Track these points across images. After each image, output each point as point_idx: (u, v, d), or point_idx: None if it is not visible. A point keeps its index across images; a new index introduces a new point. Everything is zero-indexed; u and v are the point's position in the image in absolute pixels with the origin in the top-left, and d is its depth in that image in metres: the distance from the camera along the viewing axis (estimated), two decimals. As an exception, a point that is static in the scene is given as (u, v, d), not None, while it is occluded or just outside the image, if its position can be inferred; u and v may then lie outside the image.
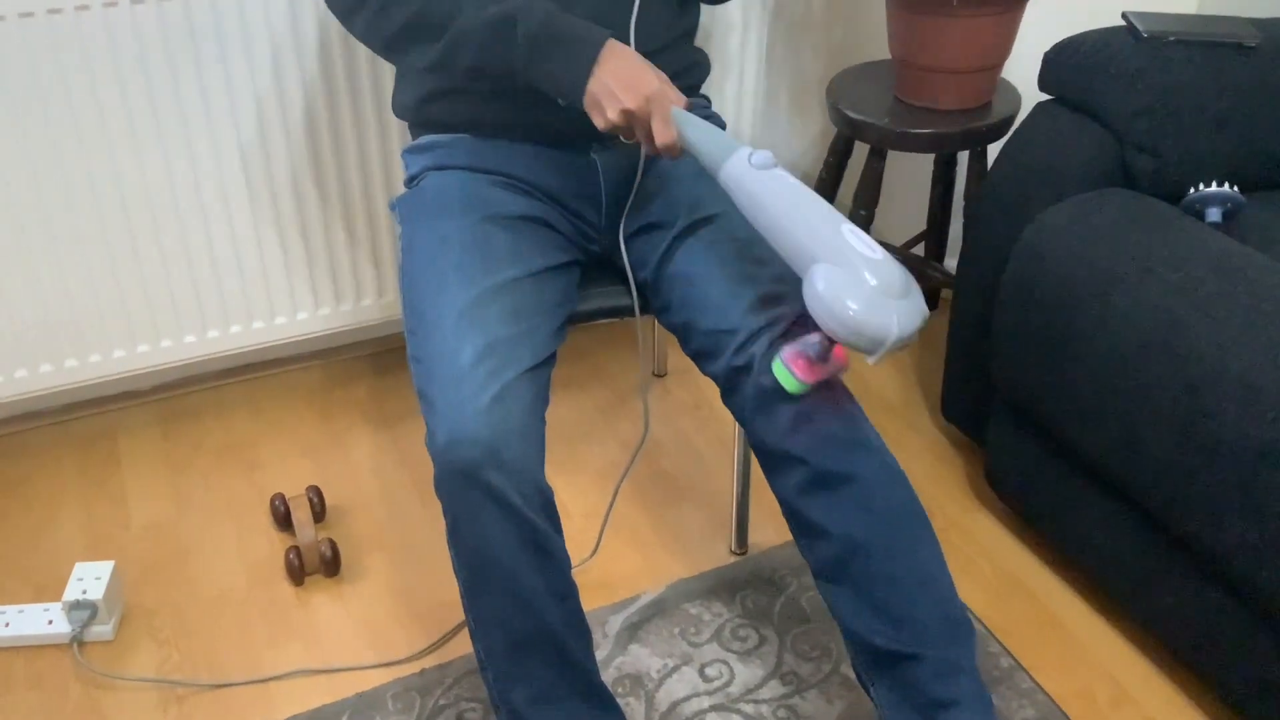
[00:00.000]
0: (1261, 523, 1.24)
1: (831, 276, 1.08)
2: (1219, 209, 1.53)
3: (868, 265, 1.08)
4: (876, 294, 1.07)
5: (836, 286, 1.07)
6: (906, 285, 1.11)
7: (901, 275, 1.10)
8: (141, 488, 1.84)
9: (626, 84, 1.19)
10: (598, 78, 1.21)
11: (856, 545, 1.24)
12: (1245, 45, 1.59)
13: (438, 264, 1.27)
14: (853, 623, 1.27)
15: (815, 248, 1.10)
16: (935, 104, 1.82)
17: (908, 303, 1.09)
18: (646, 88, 1.19)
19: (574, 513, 1.78)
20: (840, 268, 1.08)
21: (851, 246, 1.09)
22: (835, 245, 1.10)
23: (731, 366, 1.28)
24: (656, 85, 1.19)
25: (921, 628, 1.24)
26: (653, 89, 1.19)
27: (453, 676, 1.50)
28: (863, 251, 1.09)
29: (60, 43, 1.56)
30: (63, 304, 1.73)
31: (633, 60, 1.21)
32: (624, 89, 1.19)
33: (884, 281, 1.08)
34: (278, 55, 1.68)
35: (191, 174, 1.72)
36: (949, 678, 1.24)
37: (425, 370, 1.19)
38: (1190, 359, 1.30)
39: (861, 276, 1.08)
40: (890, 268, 1.09)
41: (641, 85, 1.19)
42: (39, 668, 1.53)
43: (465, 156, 1.41)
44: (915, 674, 1.24)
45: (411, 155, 1.46)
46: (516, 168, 1.39)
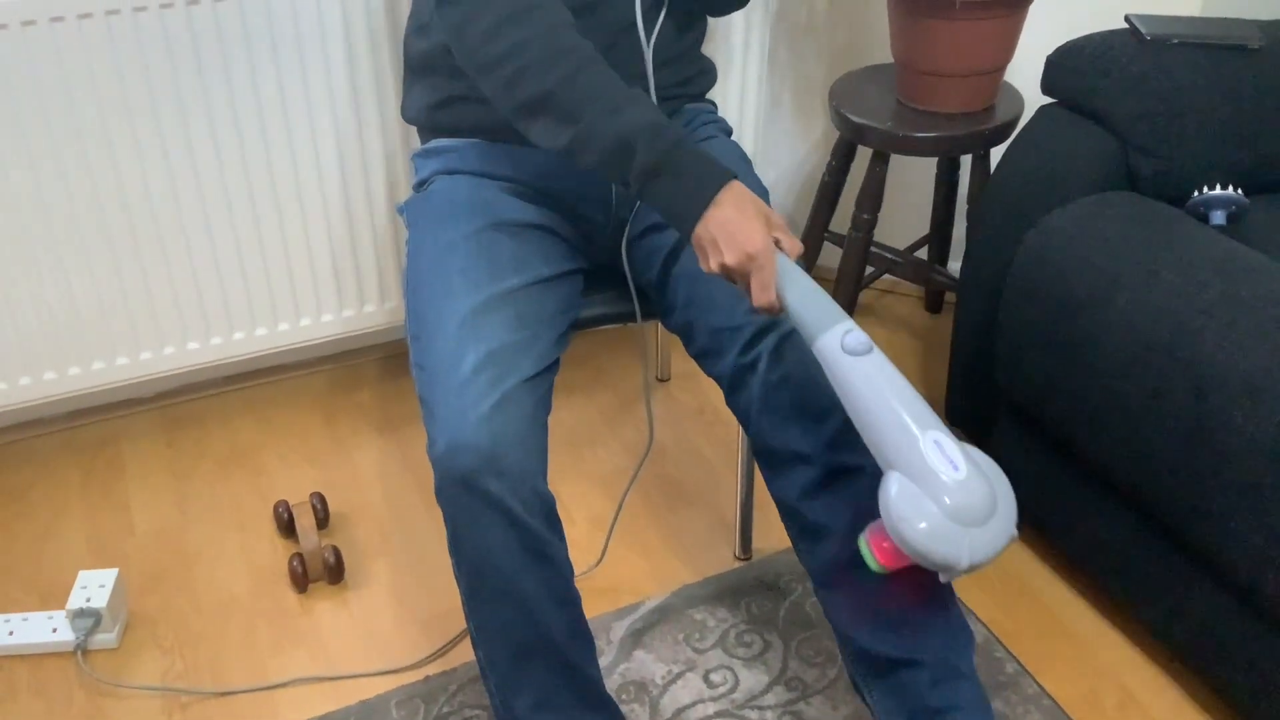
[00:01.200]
0: (1268, 527, 1.23)
1: (904, 493, 1.01)
2: (1223, 211, 1.52)
3: (944, 490, 1.01)
4: (948, 522, 1.00)
5: (906, 505, 1.01)
6: (989, 509, 1.02)
7: (984, 499, 1.02)
8: (145, 495, 1.84)
9: (732, 238, 1.11)
10: (706, 223, 1.13)
11: (858, 522, 1.22)
12: (1249, 47, 1.59)
13: (443, 269, 1.27)
14: (850, 629, 1.27)
15: (894, 456, 1.04)
16: (938, 107, 1.82)
17: (984, 531, 1.01)
18: (751, 245, 1.10)
19: (578, 519, 1.78)
20: (915, 484, 1.02)
21: (930, 466, 1.02)
22: (914, 461, 1.02)
23: (738, 365, 1.28)
24: (761, 245, 1.11)
25: (920, 633, 1.24)
26: (757, 248, 1.10)
27: (456, 684, 1.50)
28: (942, 473, 1.02)
29: (63, 50, 1.56)
30: (66, 311, 1.73)
31: (747, 211, 1.13)
32: (728, 243, 1.11)
33: (960, 508, 1.01)
34: (280, 60, 1.68)
35: (194, 180, 1.72)
36: (948, 684, 1.23)
37: (427, 377, 1.19)
38: (1195, 362, 1.30)
39: (934, 501, 1.01)
40: (971, 492, 1.01)
41: (747, 242, 1.11)
42: (43, 676, 1.53)
43: (475, 161, 1.40)
44: (913, 680, 1.24)
45: (421, 159, 1.46)
46: (525, 173, 1.39)
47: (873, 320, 2.25)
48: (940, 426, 1.05)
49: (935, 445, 1.03)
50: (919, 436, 1.03)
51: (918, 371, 2.10)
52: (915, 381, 2.07)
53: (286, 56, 1.68)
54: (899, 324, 2.24)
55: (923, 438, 1.03)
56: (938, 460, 1.02)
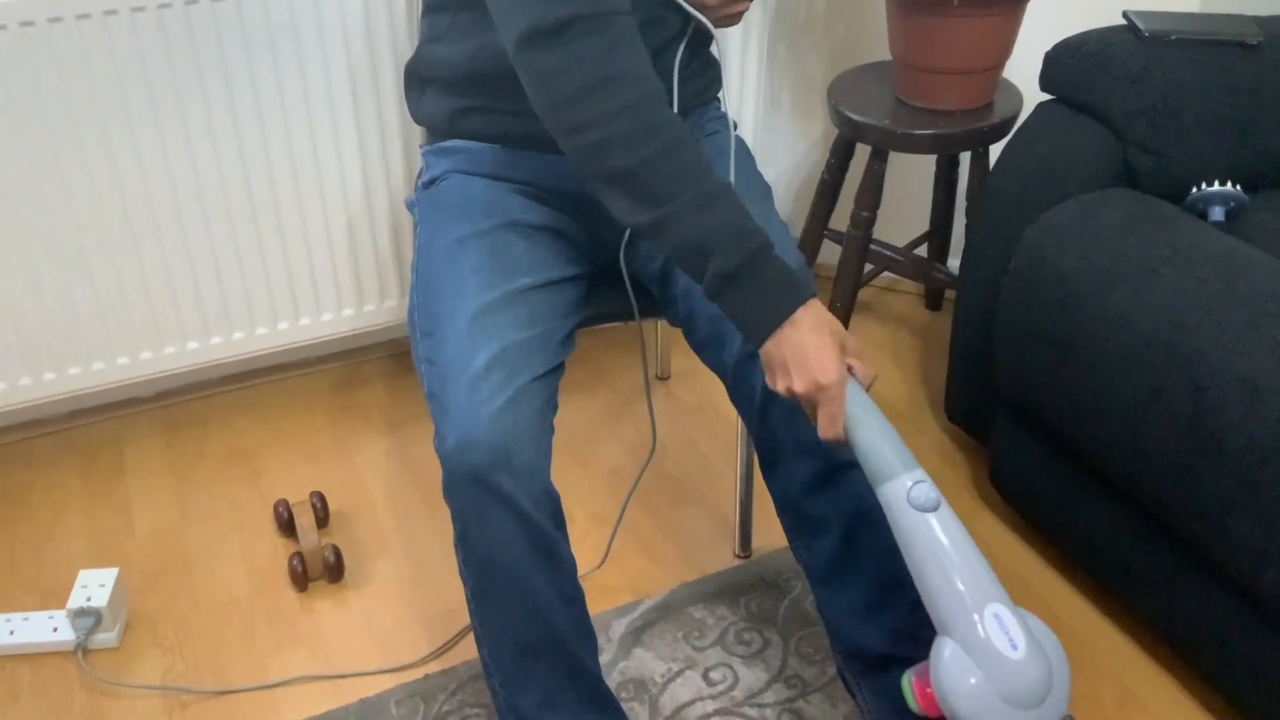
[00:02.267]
0: (1266, 523, 1.23)
1: (955, 664, 0.99)
2: (1222, 208, 1.52)
3: (1000, 670, 0.98)
4: (999, 703, 0.97)
5: (956, 678, 0.98)
6: (1044, 692, 0.99)
7: (1040, 683, 0.98)
8: (145, 494, 1.84)
9: (804, 365, 1.08)
10: (779, 342, 1.09)
11: (859, 518, 1.23)
12: (1247, 43, 1.59)
13: (455, 266, 1.27)
14: (844, 626, 1.27)
15: (950, 623, 1.00)
16: (937, 105, 1.82)
17: (1033, 713, 0.98)
18: (823, 376, 1.07)
19: (578, 517, 1.78)
20: (970, 657, 0.99)
21: (986, 641, 0.98)
22: (970, 636, 0.99)
23: (741, 354, 1.27)
24: (835, 377, 1.07)
25: (919, 632, 1.24)
26: (830, 380, 1.07)
27: (457, 682, 1.50)
28: (998, 649, 0.98)
29: (61, 50, 1.56)
30: (66, 311, 1.73)
31: (824, 337, 1.08)
32: (800, 369, 1.08)
33: (1014, 692, 0.98)
34: (280, 59, 1.68)
35: (194, 179, 1.72)
36: None
37: (438, 372, 1.19)
38: (1194, 359, 1.30)
39: (989, 679, 0.98)
40: (1026, 674, 0.98)
41: (820, 372, 1.07)
42: (44, 675, 1.53)
43: (491, 165, 1.40)
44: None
45: (435, 156, 1.44)
46: (542, 177, 1.39)
47: (872, 318, 2.25)
48: (1002, 598, 1.01)
49: (995, 620, 1.00)
50: (979, 609, 1.00)
51: (917, 369, 2.10)
52: (914, 379, 2.08)
53: (286, 55, 1.68)
54: (898, 321, 2.25)
55: (984, 612, 1.00)
56: (997, 637, 0.99)
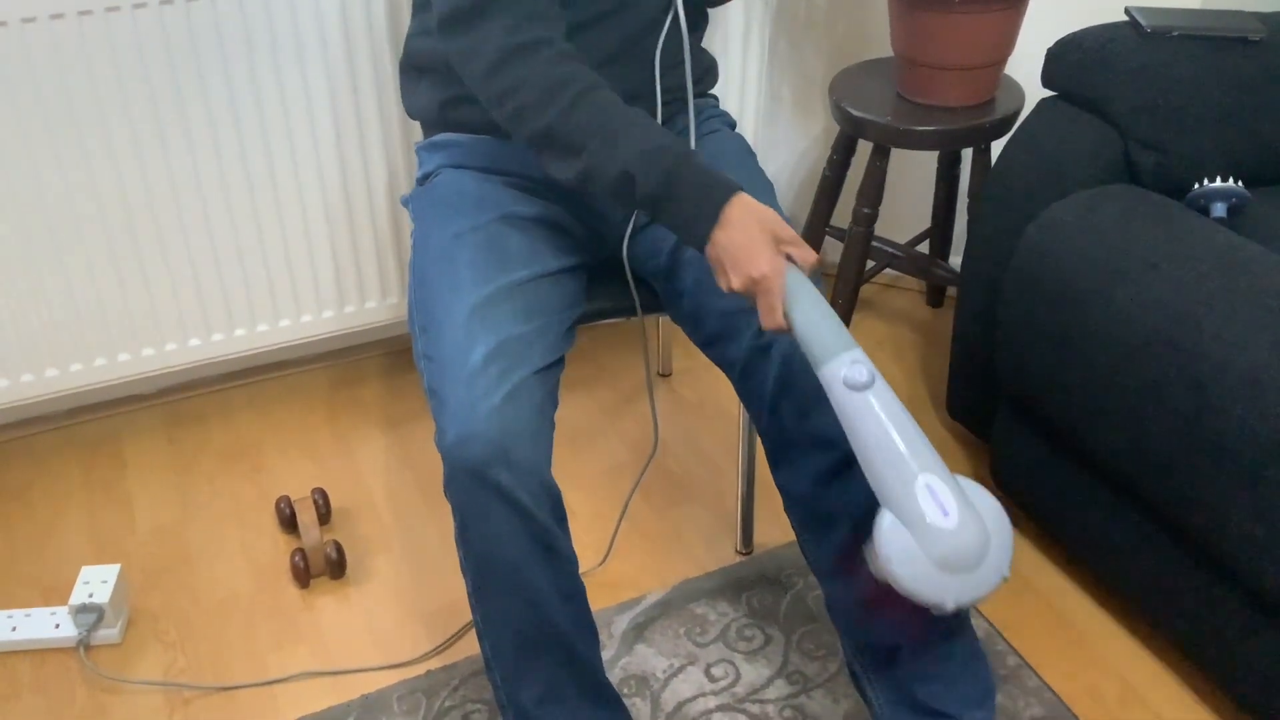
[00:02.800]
0: (1267, 519, 1.23)
1: (893, 534, 1.02)
2: (1224, 204, 1.52)
3: (931, 538, 1.01)
4: (932, 569, 1.00)
5: (893, 546, 1.01)
6: (979, 555, 1.02)
7: (974, 547, 1.01)
8: (147, 491, 1.84)
9: (735, 262, 1.11)
10: (714, 245, 1.13)
11: (870, 512, 1.22)
12: (1250, 39, 1.59)
13: (451, 261, 1.27)
14: (854, 620, 1.28)
15: (887, 495, 1.04)
16: (938, 101, 1.82)
17: (971, 575, 1.01)
18: (755, 270, 1.10)
19: (580, 513, 1.78)
20: (906, 527, 1.02)
21: (918, 509, 1.01)
22: (905, 504, 1.02)
23: (752, 348, 1.27)
24: (765, 268, 1.10)
25: (927, 623, 1.24)
26: (761, 272, 1.10)
27: (458, 678, 1.50)
28: (932, 519, 1.01)
29: (63, 47, 1.56)
30: (68, 308, 1.73)
31: (751, 230, 1.12)
32: (733, 267, 1.11)
33: (946, 556, 1.01)
34: (280, 56, 1.68)
35: (194, 176, 1.72)
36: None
37: (436, 368, 1.19)
38: (1195, 355, 1.30)
39: (922, 547, 1.01)
40: (960, 541, 1.01)
41: (750, 266, 1.10)
42: (46, 671, 1.54)
43: (483, 158, 1.40)
44: (913, 669, 1.25)
45: (427, 152, 1.45)
46: (534, 169, 1.38)
47: (873, 315, 2.25)
48: (936, 468, 1.04)
49: (928, 490, 1.02)
50: (911, 480, 1.02)
51: (918, 365, 2.10)
52: (916, 375, 2.07)
53: (286, 52, 1.68)
54: (900, 318, 2.24)
55: (915, 482, 1.02)
56: (929, 506, 1.02)
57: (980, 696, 1.27)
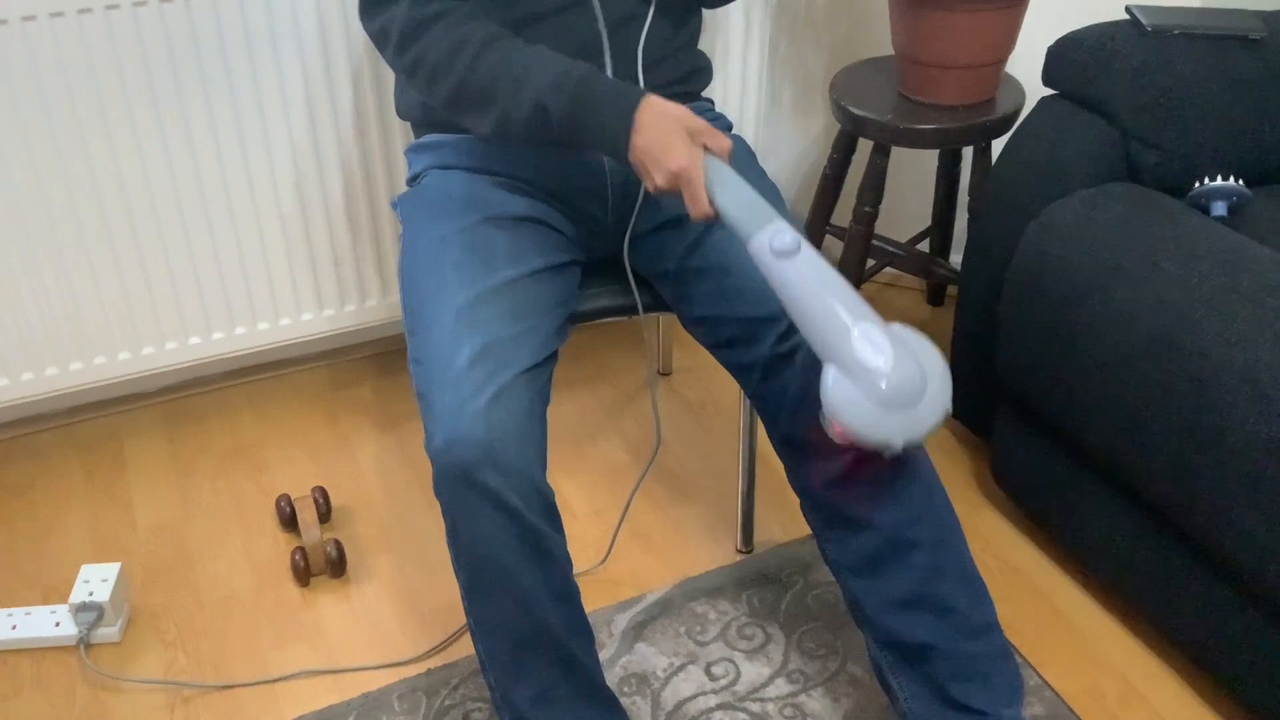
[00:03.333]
0: (1268, 518, 1.23)
1: (837, 384, 1.07)
2: (1224, 203, 1.52)
3: (871, 379, 1.06)
4: (878, 409, 1.05)
5: (839, 396, 1.06)
6: (918, 391, 1.07)
7: (912, 382, 1.06)
8: (147, 490, 1.84)
9: (656, 159, 1.16)
10: (634, 150, 1.18)
11: (903, 538, 1.24)
12: (1250, 38, 1.59)
13: (437, 264, 1.27)
14: (885, 618, 1.27)
15: (826, 349, 1.09)
16: (939, 99, 1.81)
17: (914, 411, 1.06)
18: (674, 164, 1.15)
19: (579, 513, 1.78)
20: (847, 375, 1.06)
21: (858, 358, 1.06)
22: (842, 353, 1.07)
23: (773, 353, 1.28)
24: (683, 161, 1.15)
25: (961, 622, 1.25)
26: (680, 165, 1.15)
27: (458, 677, 1.50)
28: (869, 363, 1.06)
29: (64, 46, 1.56)
30: (68, 307, 1.73)
31: (664, 128, 1.17)
32: (655, 167, 1.17)
33: (887, 395, 1.05)
34: (280, 56, 1.68)
35: (194, 176, 1.72)
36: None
37: (424, 371, 1.19)
38: (1196, 354, 1.29)
39: (863, 390, 1.06)
40: (900, 377, 1.06)
41: (669, 161, 1.15)
42: (46, 670, 1.54)
43: (468, 157, 1.40)
44: (946, 667, 1.25)
45: (414, 154, 1.46)
46: (520, 168, 1.39)
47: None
48: (869, 317, 1.09)
49: (863, 337, 1.08)
50: (846, 331, 1.08)
51: (919, 364, 2.10)
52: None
53: (285, 50, 1.68)
54: (900, 317, 2.24)
55: (851, 332, 1.08)
56: (864, 351, 1.07)
57: (1011, 695, 1.28)
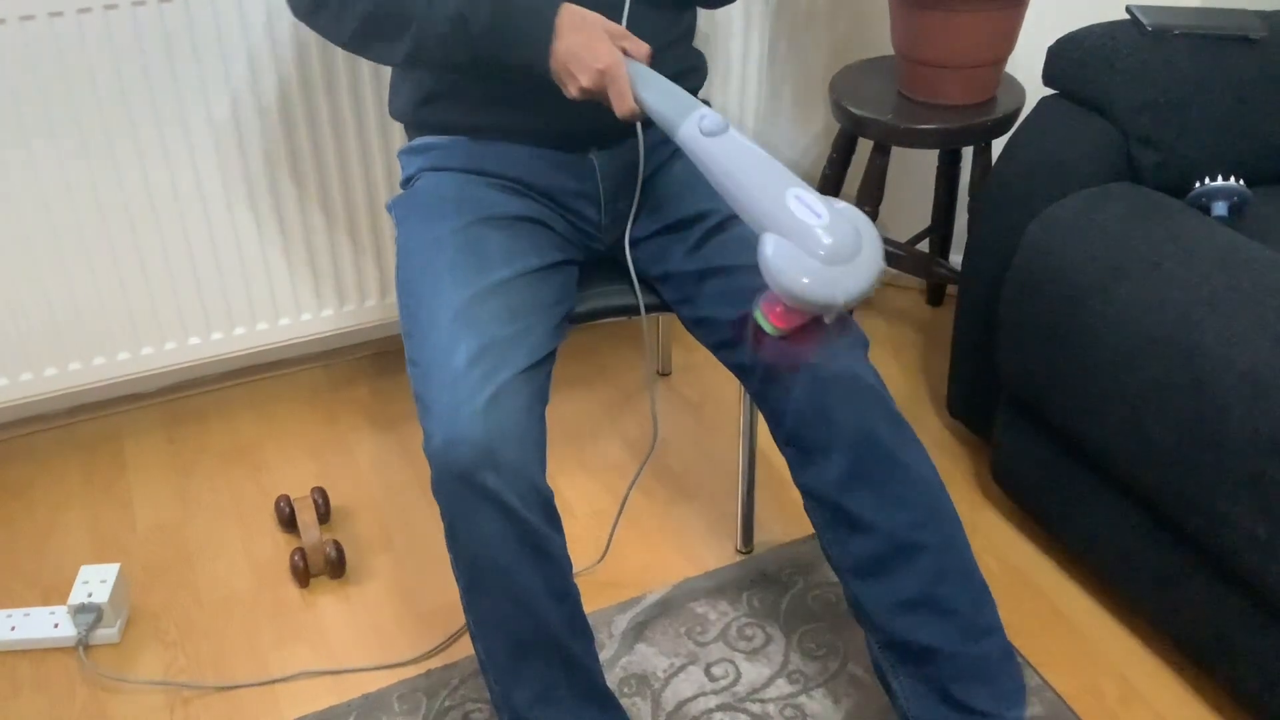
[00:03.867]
0: (1269, 518, 1.23)
1: (777, 248, 1.10)
2: (1225, 203, 1.52)
3: (810, 236, 1.09)
4: (819, 265, 1.09)
5: (781, 259, 1.09)
6: (855, 246, 1.10)
7: (849, 237, 1.10)
8: (147, 490, 1.84)
9: (580, 61, 1.19)
10: (555, 56, 1.20)
11: (907, 541, 1.23)
12: (1251, 38, 1.58)
13: (432, 265, 1.27)
14: (888, 620, 1.26)
15: (764, 218, 1.12)
16: (939, 99, 1.81)
17: (854, 266, 1.10)
18: (598, 63, 1.18)
19: (579, 512, 1.78)
20: (787, 239, 1.10)
21: (794, 217, 1.10)
22: (779, 217, 1.10)
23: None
24: (609, 60, 1.18)
25: (964, 624, 1.25)
26: (604, 64, 1.18)
27: (458, 678, 1.50)
28: (806, 220, 1.10)
29: (62, 46, 1.56)
30: (67, 307, 1.73)
31: (587, 30, 1.20)
32: (579, 69, 1.19)
33: (828, 251, 1.09)
34: (279, 56, 1.68)
35: (194, 176, 1.72)
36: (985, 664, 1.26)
37: (421, 373, 1.19)
38: (1197, 354, 1.29)
39: (804, 248, 1.09)
40: (835, 233, 1.09)
41: (594, 61, 1.18)
42: (45, 671, 1.53)
43: (461, 159, 1.40)
44: (949, 669, 1.25)
45: (407, 156, 1.46)
46: (513, 169, 1.39)
47: (874, 313, 2.25)
48: (799, 184, 1.13)
49: (797, 199, 1.11)
50: (781, 195, 1.11)
51: (919, 364, 2.10)
52: (916, 374, 2.07)
53: (283, 51, 1.68)
54: (900, 317, 2.24)
55: (785, 195, 1.11)
56: (801, 211, 1.11)
57: (1014, 695, 1.27)
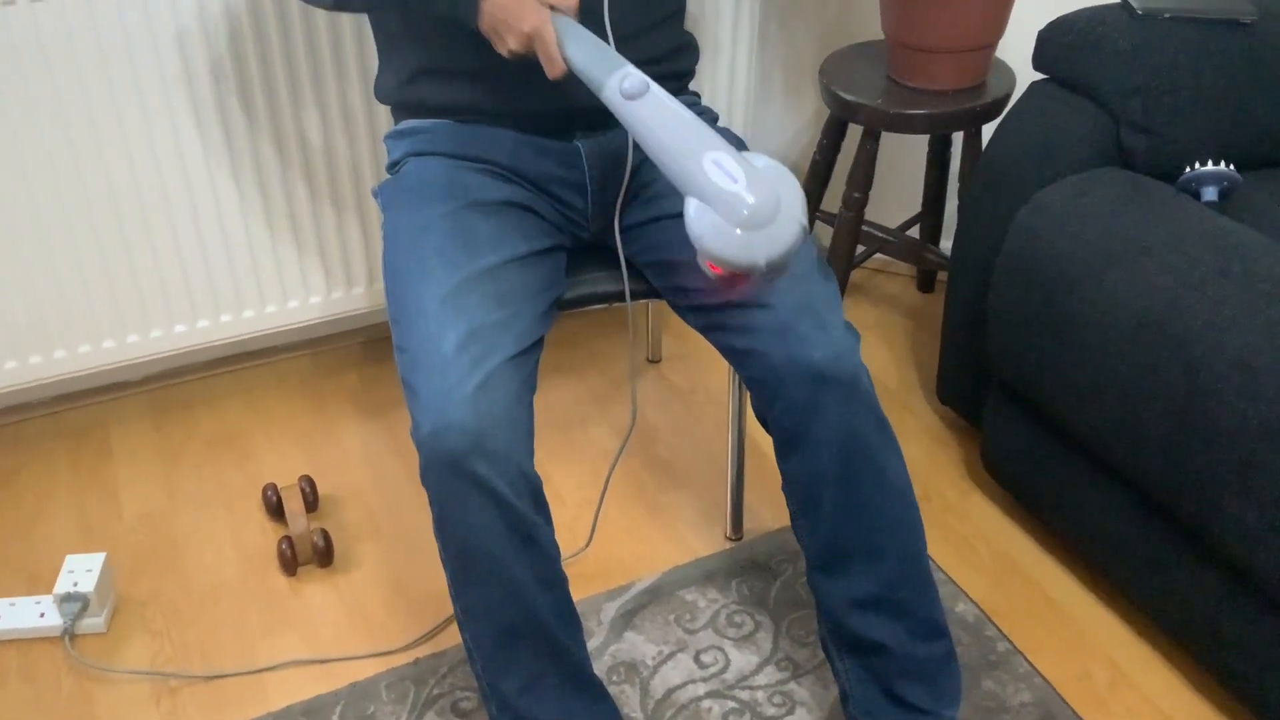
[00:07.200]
0: (1259, 504, 1.23)
1: (699, 214, 1.10)
2: (1215, 188, 1.51)
3: (728, 201, 1.09)
4: (735, 230, 1.08)
5: (702, 224, 1.09)
6: (773, 208, 1.09)
7: (767, 200, 1.09)
8: (133, 479, 1.83)
9: (505, 23, 1.19)
10: (484, 16, 1.21)
11: (870, 544, 1.26)
12: (1242, 22, 1.58)
13: (419, 251, 1.26)
14: (842, 614, 1.29)
15: (684, 182, 1.12)
16: (929, 84, 1.80)
17: (772, 229, 1.09)
18: (525, 25, 1.18)
19: (569, 501, 1.77)
20: (706, 203, 1.10)
21: (712, 183, 1.09)
22: (697, 182, 1.10)
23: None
24: (533, 21, 1.18)
25: (915, 625, 1.27)
26: (531, 25, 1.18)
27: (447, 666, 1.49)
28: (723, 186, 1.09)
29: (44, 32, 1.54)
30: (51, 295, 1.72)
31: None
32: (507, 30, 1.19)
33: (747, 215, 1.08)
34: (263, 41, 1.66)
35: (179, 163, 1.70)
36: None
37: (409, 359, 1.18)
38: (1187, 339, 1.29)
39: (721, 213, 1.09)
40: (752, 197, 1.09)
41: (519, 21, 1.18)
42: (31, 661, 1.53)
43: (446, 143, 1.39)
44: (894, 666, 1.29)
45: (393, 140, 1.44)
46: (498, 154, 1.38)
47: (864, 300, 2.25)
48: (720, 146, 1.12)
49: (714, 164, 1.11)
50: (698, 160, 1.11)
51: (909, 351, 2.10)
52: (907, 361, 2.07)
53: (267, 36, 1.67)
54: (891, 303, 2.24)
55: (702, 160, 1.11)
56: (718, 176, 1.10)
57: (953, 695, 1.31)
